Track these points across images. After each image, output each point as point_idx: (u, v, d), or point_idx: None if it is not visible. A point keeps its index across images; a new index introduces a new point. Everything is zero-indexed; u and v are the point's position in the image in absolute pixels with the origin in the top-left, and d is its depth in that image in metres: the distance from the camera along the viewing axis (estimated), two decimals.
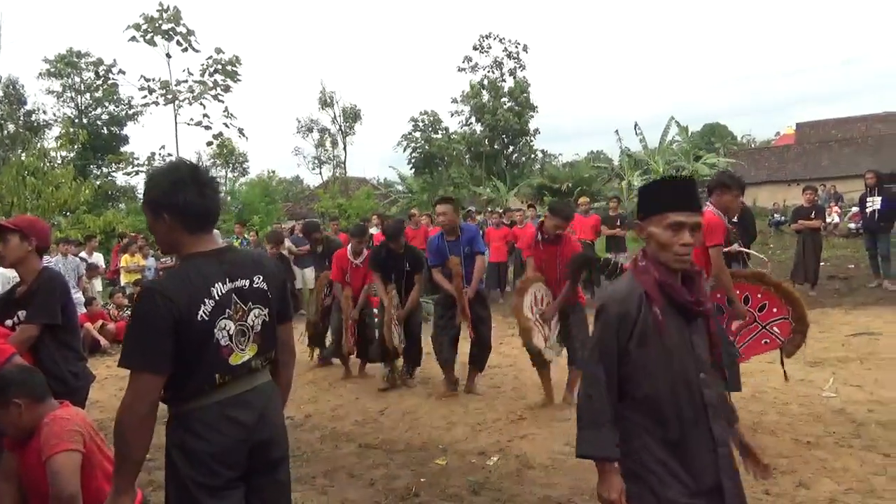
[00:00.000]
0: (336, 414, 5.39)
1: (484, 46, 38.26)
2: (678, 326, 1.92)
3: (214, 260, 1.89)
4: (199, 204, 1.86)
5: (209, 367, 1.82)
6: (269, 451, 1.96)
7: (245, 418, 1.88)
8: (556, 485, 3.67)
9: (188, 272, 1.84)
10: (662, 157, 27.62)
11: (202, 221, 1.89)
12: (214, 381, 1.84)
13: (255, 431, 1.90)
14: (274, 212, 26.85)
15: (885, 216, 9.45)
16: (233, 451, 1.85)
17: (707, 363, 1.96)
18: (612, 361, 1.92)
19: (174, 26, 22.46)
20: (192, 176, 1.88)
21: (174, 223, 1.85)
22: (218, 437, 1.83)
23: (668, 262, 1.92)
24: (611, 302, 1.96)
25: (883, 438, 3.93)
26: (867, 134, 37.19)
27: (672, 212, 1.91)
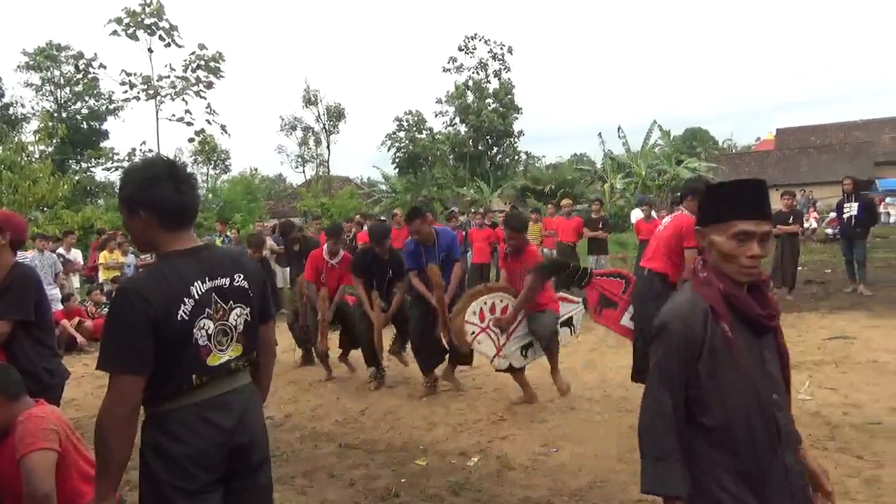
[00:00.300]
0: (316, 414, 5.37)
1: (469, 47, 38.34)
2: (748, 343, 1.73)
3: (193, 258, 1.85)
4: (176, 200, 1.81)
5: (187, 368, 1.79)
6: (249, 454, 1.92)
7: (223, 421, 1.84)
8: (535, 486, 3.68)
9: (165, 271, 1.79)
10: (645, 160, 27.83)
11: (179, 219, 1.84)
12: (192, 382, 1.80)
13: (234, 434, 1.86)
14: (256, 210, 26.69)
15: (862, 222, 9.60)
16: (210, 454, 1.81)
17: (780, 382, 1.78)
18: (677, 386, 1.73)
19: (157, 21, 22.20)
20: (169, 172, 1.83)
21: (150, 220, 1.81)
22: (195, 440, 1.79)
23: (732, 275, 1.73)
24: (672, 319, 1.74)
25: (856, 441, 3.99)
26: (845, 141, 37.80)
27: (739, 220, 1.70)
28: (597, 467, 3.86)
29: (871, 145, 36.21)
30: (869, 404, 4.65)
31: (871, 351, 6.18)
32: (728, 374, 1.70)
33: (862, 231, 9.65)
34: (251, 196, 29.05)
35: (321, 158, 38.52)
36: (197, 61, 23.31)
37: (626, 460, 3.92)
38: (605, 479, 3.68)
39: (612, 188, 27.28)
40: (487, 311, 5.15)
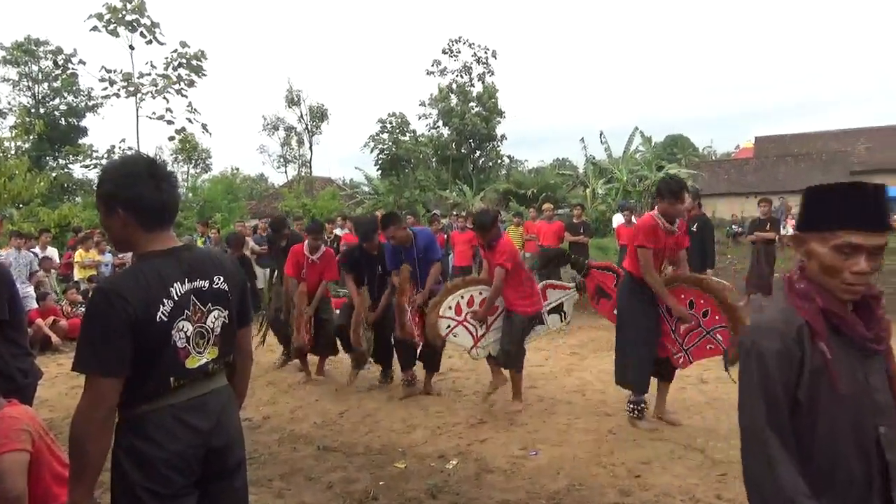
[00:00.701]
0: (295, 416, 5.33)
1: (453, 51, 38.38)
2: (851, 367, 1.49)
3: (172, 259, 1.81)
4: (156, 199, 1.78)
5: (165, 370, 1.76)
6: (226, 456, 1.90)
7: (200, 424, 1.82)
8: (513, 489, 3.69)
9: (144, 271, 1.76)
10: (626, 166, 28.02)
11: (158, 218, 1.81)
12: (169, 385, 1.77)
13: (211, 437, 1.83)
14: (237, 209, 26.45)
15: None
16: (186, 457, 1.78)
17: (891, 412, 1.51)
18: (783, 416, 1.46)
19: (138, 17, 21.91)
20: (149, 170, 1.79)
21: (128, 219, 1.77)
22: (171, 443, 1.76)
23: (832, 290, 1.50)
24: (763, 336, 1.50)
25: None
26: (822, 150, 38.43)
27: (847, 230, 1.45)
28: (575, 471, 3.88)
29: (847, 155, 36.87)
30: None
31: None
32: (826, 402, 1.46)
33: None
34: (232, 196, 28.77)
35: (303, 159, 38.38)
36: (179, 59, 23.02)
37: (604, 464, 3.95)
38: (583, 483, 3.70)
39: (593, 193, 27.42)
40: (465, 305, 5.17)
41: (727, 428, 4.45)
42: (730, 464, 3.82)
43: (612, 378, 5.69)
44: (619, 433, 4.46)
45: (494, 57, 38.46)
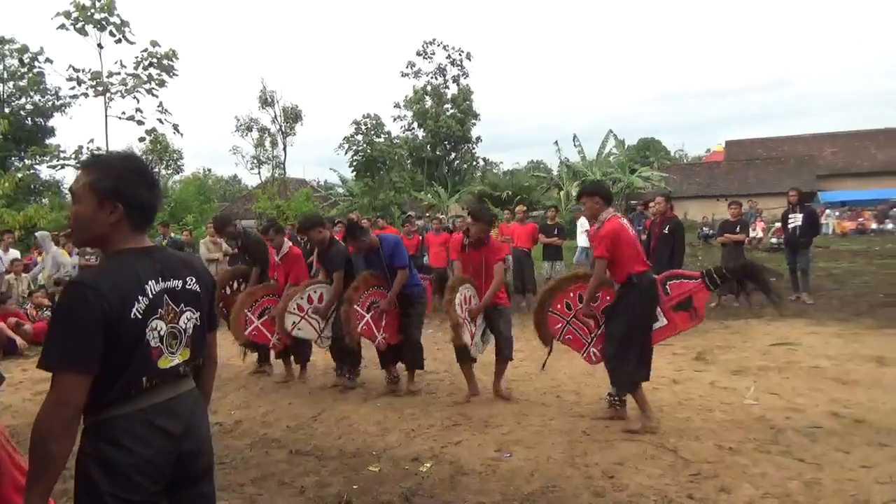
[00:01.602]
0: (267, 420, 5.26)
1: (428, 52, 38.45)
2: None
3: (146, 257, 1.79)
4: (149, 200, 1.81)
5: (137, 371, 1.72)
6: (195, 462, 1.86)
7: (172, 427, 1.78)
8: (488, 491, 3.68)
9: (120, 267, 1.73)
10: (600, 168, 28.34)
11: (147, 218, 1.84)
12: (141, 386, 1.73)
13: (182, 441, 1.80)
14: (209, 211, 26.14)
15: (806, 232, 9.95)
16: (157, 462, 1.74)
17: None
18: None
19: (107, 16, 21.45)
20: (149, 171, 1.84)
21: (122, 215, 1.75)
22: (142, 448, 1.71)
23: None
24: None
25: (798, 444, 4.11)
26: (790, 154, 39.17)
27: None
28: (549, 472, 3.88)
29: (815, 159, 37.65)
30: (810, 409, 4.81)
31: (813, 357, 6.40)
32: None
33: (806, 241, 10.00)
34: (204, 197, 28.46)
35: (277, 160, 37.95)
36: (149, 59, 22.61)
37: (577, 465, 3.96)
38: (557, 484, 3.70)
39: (567, 195, 27.64)
40: (464, 302, 5.25)
41: (698, 428, 4.50)
42: (701, 463, 3.86)
43: (586, 378, 5.76)
44: (592, 434, 4.48)
45: (469, 59, 38.63)
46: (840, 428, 4.38)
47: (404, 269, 5.62)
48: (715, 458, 3.94)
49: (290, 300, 5.90)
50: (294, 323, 5.90)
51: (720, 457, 3.97)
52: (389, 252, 5.59)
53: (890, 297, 9.80)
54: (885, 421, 4.46)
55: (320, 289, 5.96)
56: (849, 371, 5.80)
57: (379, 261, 5.60)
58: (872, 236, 24.78)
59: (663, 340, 4.91)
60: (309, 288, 5.96)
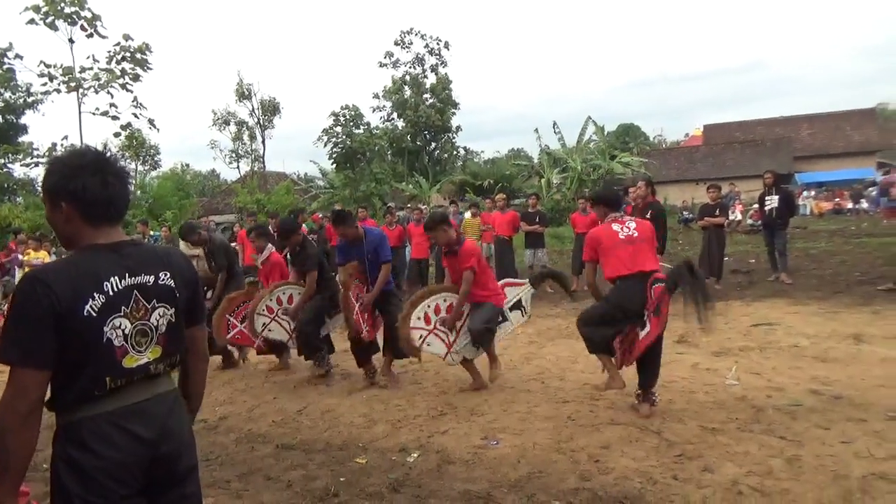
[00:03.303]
0: (252, 415, 5.24)
1: (405, 42, 38.25)
2: None
3: (113, 253, 1.74)
4: (101, 193, 1.72)
5: (99, 370, 1.66)
6: (175, 464, 1.81)
7: (143, 432, 1.72)
8: (476, 479, 3.69)
9: (77, 262, 1.69)
10: (580, 155, 28.36)
11: (104, 212, 1.75)
12: (105, 386, 1.67)
13: (156, 445, 1.75)
14: (188, 206, 25.88)
15: (782, 214, 10.07)
16: (128, 466, 1.69)
17: None
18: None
19: (78, 10, 21.08)
20: (96, 163, 1.74)
21: (72, 213, 1.71)
22: (110, 452, 1.66)
23: None
24: None
25: (779, 422, 4.17)
26: (767, 137, 39.58)
27: None
28: (536, 458, 3.91)
29: (791, 141, 38.08)
30: (790, 387, 4.88)
31: (792, 336, 6.49)
32: None
33: (782, 222, 10.12)
34: (182, 192, 28.11)
35: (256, 153, 37.69)
36: (122, 53, 22.24)
37: (563, 450, 3.99)
38: (544, 470, 3.72)
39: (548, 183, 27.70)
40: (432, 313, 5.23)
41: (681, 409, 4.55)
42: (685, 444, 3.91)
43: (570, 365, 5.79)
44: (577, 419, 4.51)
45: (447, 48, 38.50)
46: (820, 405, 4.45)
47: (388, 263, 5.64)
48: (698, 439, 3.99)
49: (260, 302, 5.93)
50: (264, 324, 5.95)
51: (703, 437, 4.02)
52: (374, 245, 5.60)
53: (866, 276, 9.96)
54: (864, 396, 4.54)
55: (290, 290, 5.99)
56: (827, 349, 5.90)
57: (361, 253, 5.57)
58: (849, 216, 25.18)
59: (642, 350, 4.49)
60: (278, 289, 5.98)
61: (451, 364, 5.43)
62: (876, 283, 9.14)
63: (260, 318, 5.89)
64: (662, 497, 3.29)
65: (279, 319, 5.95)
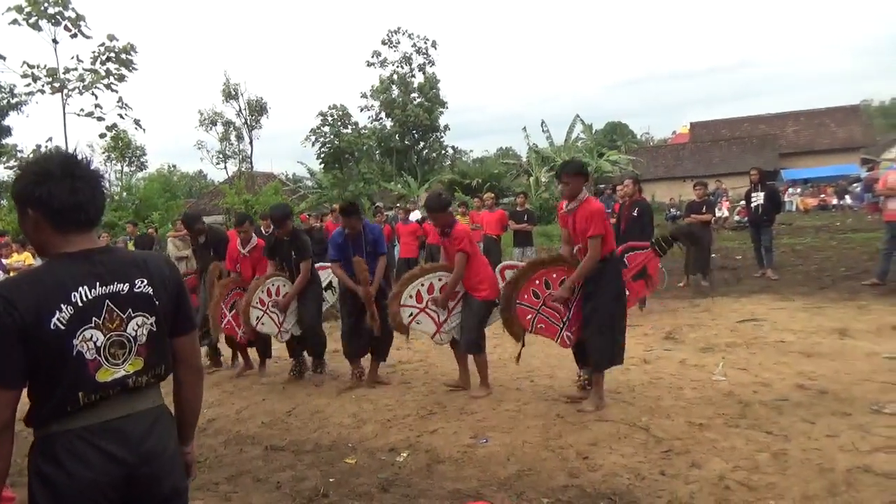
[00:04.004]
0: (241, 417, 5.22)
1: (393, 41, 38.21)
2: None
3: (83, 261, 1.66)
4: (69, 199, 1.63)
5: (71, 385, 1.60)
6: (154, 486, 1.73)
7: (117, 451, 1.65)
8: (465, 478, 3.70)
9: (43, 274, 1.63)
10: (568, 153, 28.49)
11: (73, 219, 1.66)
12: (78, 401, 1.61)
13: (132, 466, 1.67)
14: (175, 208, 25.69)
15: (768, 210, 10.16)
16: (101, 486, 1.62)
17: None
18: None
19: (61, 10, 20.91)
20: (65, 168, 1.65)
21: (39, 219, 1.64)
22: (82, 471, 1.60)
23: None
24: None
25: (765, 417, 4.21)
26: (753, 134, 39.87)
27: None
28: (525, 456, 3.92)
29: (777, 138, 38.40)
30: (776, 382, 4.92)
31: (778, 332, 6.55)
32: None
33: (768, 219, 10.21)
34: (170, 194, 27.96)
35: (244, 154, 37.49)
36: (107, 53, 22.09)
37: (552, 448, 4.00)
38: (533, 468, 3.74)
39: (537, 181, 27.78)
40: (425, 292, 5.22)
41: (669, 406, 4.57)
42: (672, 440, 3.93)
43: (560, 363, 5.80)
44: (566, 416, 4.53)
45: (434, 47, 38.50)
46: (805, 399, 4.49)
47: (384, 255, 5.73)
48: (686, 435, 4.02)
49: (254, 293, 5.88)
50: (258, 317, 5.89)
51: (691, 433, 4.04)
52: (373, 238, 5.66)
53: (851, 271, 10.07)
54: (848, 391, 4.59)
55: (278, 281, 5.94)
56: (813, 344, 5.95)
57: (360, 246, 5.59)
58: (834, 212, 25.42)
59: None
60: (268, 281, 5.92)
61: (439, 343, 5.42)
62: (861, 278, 9.23)
63: (254, 311, 5.85)
64: (650, 493, 3.32)
65: (270, 312, 5.91)
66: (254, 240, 6.41)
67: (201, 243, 6.96)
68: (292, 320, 6.00)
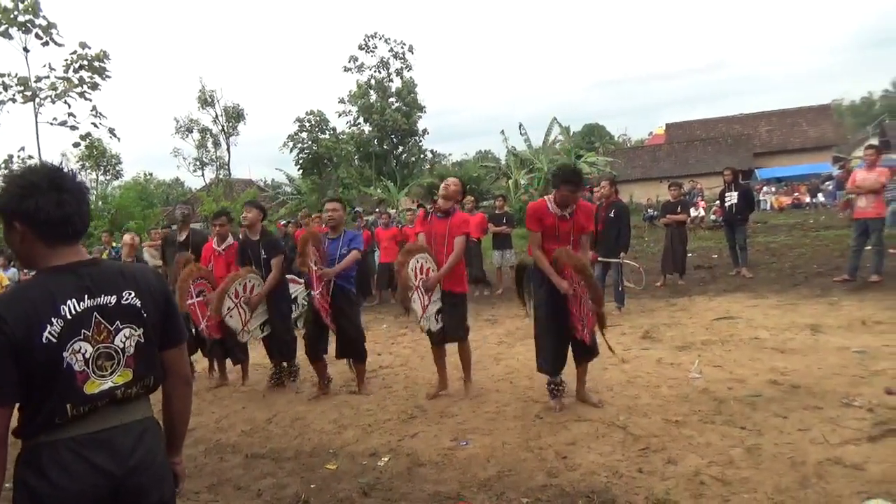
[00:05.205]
0: (221, 425, 5.20)
1: (370, 46, 38.18)
2: None
3: (70, 274, 1.68)
4: (55, 212, 1.65)
5: (60, 397, 1.62)
6: (143, 497, 1.74)
7: (103, 462, 1.66)
8: (445, 480, 3.73)
9: (32, 288, 1.64)
10: (546, 155, 28.63)
11: (59, 232, 1.68)
12: (66, 413, 1.62)
13: (119, 478, 1.68)
14: (152, 216, 25.40)
15: (741, 209, 10.32)
16: (86, 497, 1.63)
17: None
18: None
19: (32, 17, 20.58)
20: (50, 181, 1.66)
21: (27, 233, 1.66)
22: (67, 482, 1.61)
23: None
24: None
25: (739, 413, 4.29)
26: (727, 134, 40.40)
27: None
28: (505, 457, 3.96)
29: (750, 138, 38.97)
30: (750, 378, 5.02)
31: (753, 329, 6.66)
32: None
33: (742, 217, 10.38)
34: (146, 202, 27.64)
35: (221, 161, 37.16)
36: (79, 61, 21.76)
37: (532, 448, 4.04)
38: (513, 469, 3.78)
39: (516, 184, 27.88)
40: (418, 271, 5.05)
41: (646, 404, 4.64)
42: (649, 438, 4.00)
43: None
44: (546, 417, 4.57)
45: (411, 52, 38.54)
46: (778, 395, 4.59)
47: (358, 251, 5.60)
48: (662, 432, 4.08)
49: (231, 283, 5.81)
50: (228, 308, 5.81)
51: (667, 430, 4.11)
52: (349, 239, 5.61)
53: (823, 268, 10.26)
54: (819, 385, 4.69)
55: (254, 280, 5.91)
56: (786, 340, 6.07)
57: (336, 245, 5.56)
58: (807, 210, 25.85)
59: None
60: (246, 276, 5.88)
61: (422, 328, 5.23)
62: (832, 274, 9.42)
63: (227, 301, 5.78)
64: (627, 490, 3.37)
65: (240, 307, 5.85)
66: (230, 238, 6.43)
67: (181, 241, 6.97)
68: (256, 323, 5.96)
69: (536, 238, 4.73)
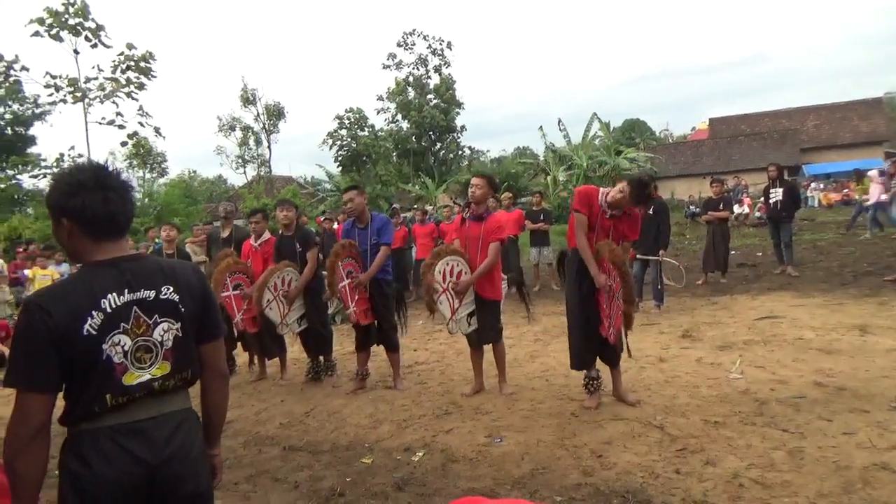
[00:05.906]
0: (260, 418, 5.29)
1: (408, 43, 38.28)
2: None
3: (112, 269, 1.73)
4: (102, 209, 1.71)
5: (99, 387, 1.67)
6: (177, 488, 1.78)
7: (140, 451, 1.71)
8: (480, 477, 3.72)
9: (75, 283, 1.71)
10: (585, 152, 28.34)
11: (105, 228, 1.74)
12: (105, 403, 1.68)
13: (155, 467, 1.72)
14: (195, 213, 26.04)
15: (786, 206, 10.04)
16: (123, 484, 1.68)
17: None
18: None
19: (82, 21, 21.22)
20: (97, 179, 1.73)
21: (73, 229, 1.72)
22: (105, 469, 1.66)
23: None
24: None
25: (782, 415, 4.18)
26: (773, 129, 39.34)
27: None
28: (539, 455, 3.94)
29: (797, 133, 37.86)
30: (794, 380, 4.88)
31: (797, 329, 6.48)
32: None
33: (787, 215, 10.10)
34: (190, 199, 28.36)
35: (262, 158, 37.78)
36: (126, 62, 22.39)
37: (567, 446, 4.02)
38: (547, 466, 3.75)
39: (554, 180, 27.68)
40: (448, 274, 5.07)
41: (684, 404, 4.56)
42: (687, 438, 3.93)
43: None
44: (581, 415, 4.54)
45: (450, 48, 38.49)
46: (823, 397, 4.46)
47: (388, 246, 5.61)
48: (701, 433, 4.01)
49: (272, 275, 5.97)
50: (268, 301, 5.97)
51: (706, 431, 4.03)
52: (377, 228, 5.60)
53: (874, 267, 9.92)
54: (867, 388, 4.54)
55: (292, 273, 6.03)
56: (832, 341, 5.89)
57: (366, 235, 5.59)
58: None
59: None
60: (285, 270, 6.01)
61: (451, 332, 5.25)
62: (883, 273, 9.10)
63: (267, 293, 5.95)
64: (664, 490, 3.32)
65: (279, 300, 6.01)
66: (266, 234, 6.53)
67: (225, 237, 7.17)
68: (294, 316, 6.10)
69: (583, 221, 4.55)
